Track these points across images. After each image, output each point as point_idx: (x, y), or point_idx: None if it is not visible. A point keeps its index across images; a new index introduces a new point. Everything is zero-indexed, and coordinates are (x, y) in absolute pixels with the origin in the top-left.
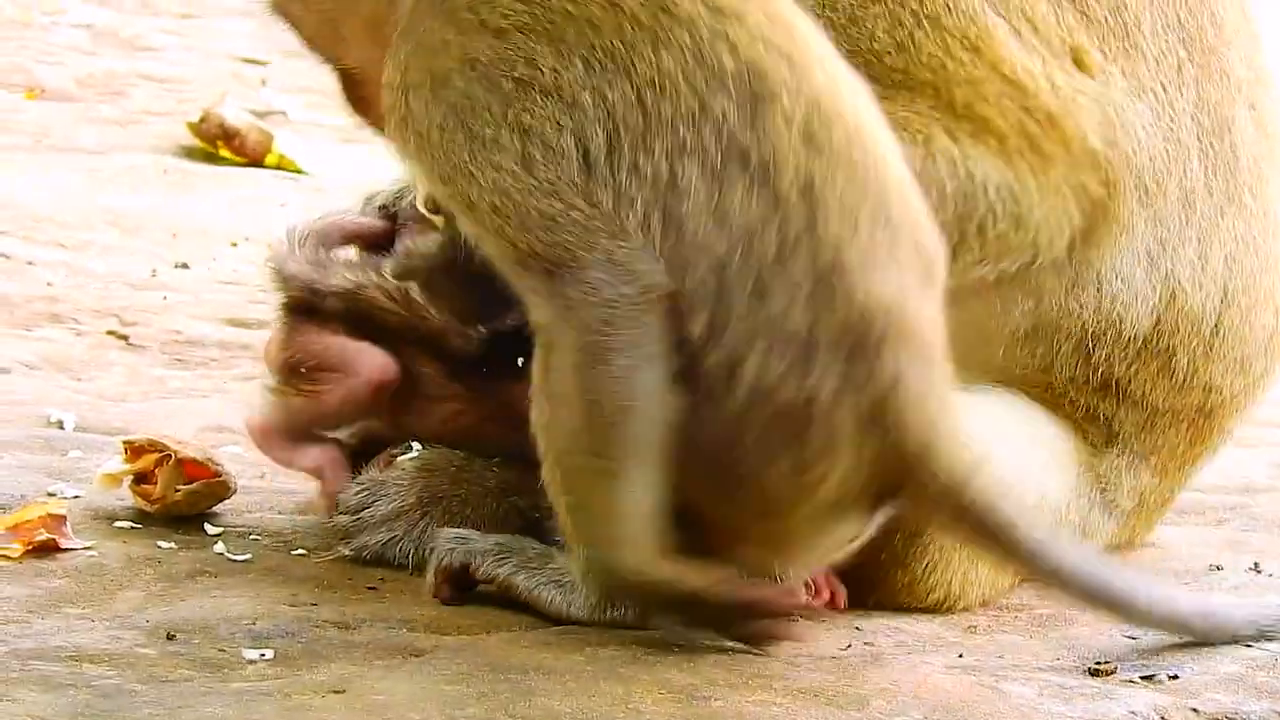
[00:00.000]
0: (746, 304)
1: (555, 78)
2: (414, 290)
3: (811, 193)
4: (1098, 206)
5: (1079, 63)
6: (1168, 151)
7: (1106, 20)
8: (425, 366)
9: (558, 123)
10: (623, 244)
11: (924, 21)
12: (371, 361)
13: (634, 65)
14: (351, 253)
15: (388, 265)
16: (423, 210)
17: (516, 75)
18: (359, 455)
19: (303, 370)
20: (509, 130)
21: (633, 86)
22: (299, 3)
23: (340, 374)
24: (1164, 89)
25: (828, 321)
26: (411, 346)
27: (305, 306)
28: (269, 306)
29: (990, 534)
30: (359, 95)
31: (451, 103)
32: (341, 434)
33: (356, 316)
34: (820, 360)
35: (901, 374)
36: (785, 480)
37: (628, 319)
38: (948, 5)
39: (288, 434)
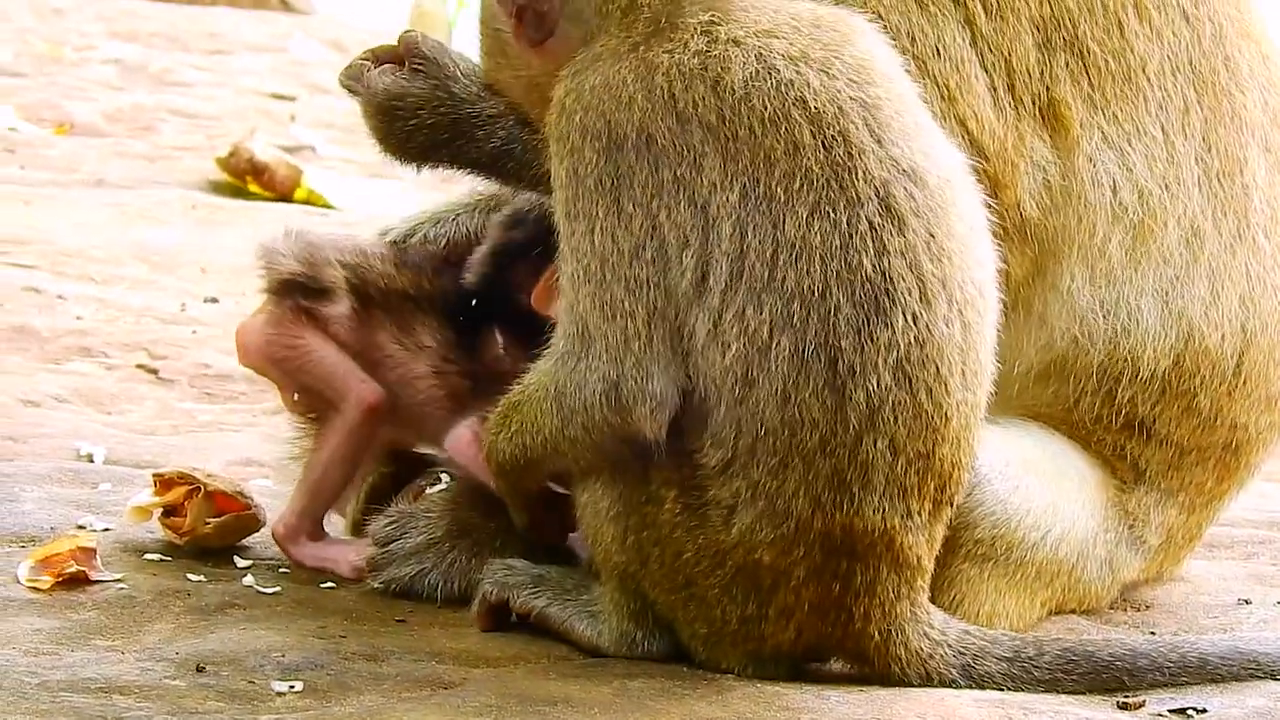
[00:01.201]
0: (767, 473)
1: (709, 193)
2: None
3: (872, 420)
4: (1030, 266)
5: (1054, 117)
6: (1165, 190)
7: (1107, 65)
8: (428, 340)
9: (687, 238)
10: (648, 370)
11: (913, 61)
12: (359, 388)
13: (785, 220)
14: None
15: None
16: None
17: (679, 173)
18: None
19: (285, 364)
20: (644, 218)
21: (774, 240)
22: (507, 70)
23: (327, 397)
24: (1165, 131)
25: (824, 523)
26: (416, 316)
27: (299, 288)
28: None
29: None
30: None
31: (616, 167)
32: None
33: (362, 286)
34: (807, 547)
35: (877, 582)
36: (726, 605)
37: (590, 428)
38: (937, 49)
39: (311, 534)
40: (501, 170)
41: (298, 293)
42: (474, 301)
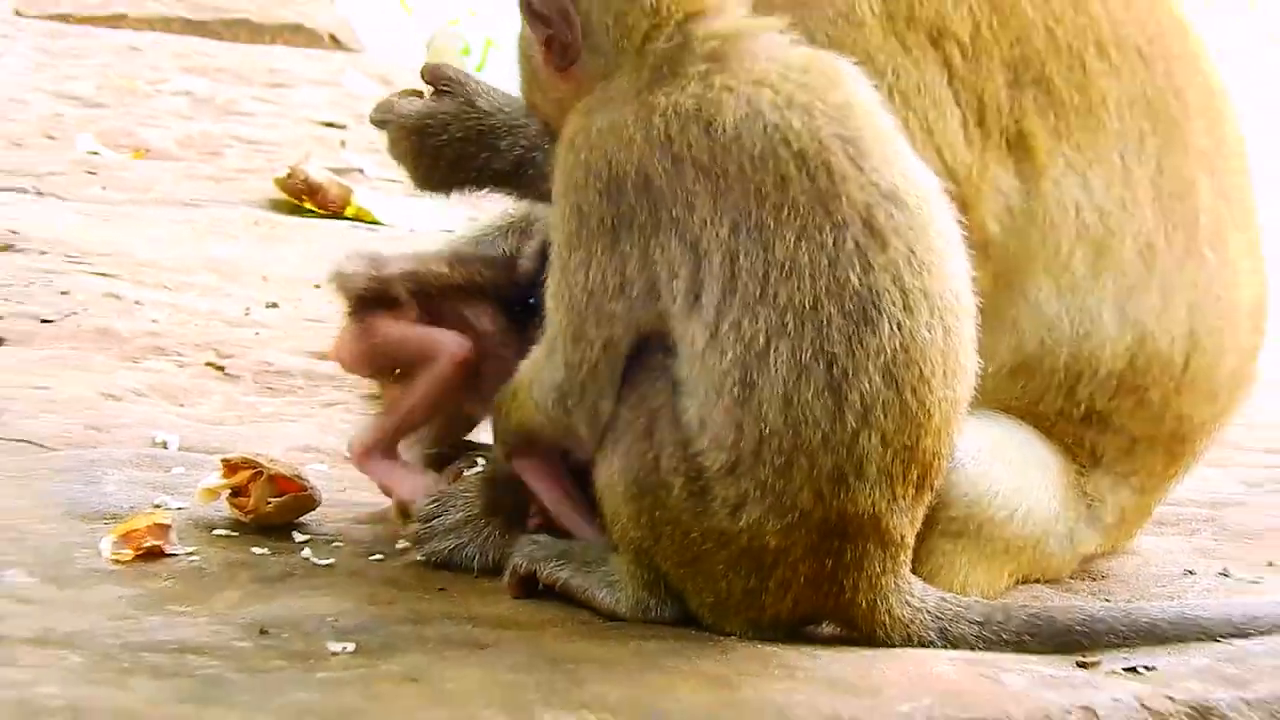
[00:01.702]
0: (771, 471)
1: (700, 230)
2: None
3: (866, 418)
4: (995, 277)
5: (1022, 147)
6: (1122, 210)
7: (1071, 99)
8: (488, 324)
9: (676, 271)
10: (588, 389)
11: (898, 95)
12: (450, 342)
13: (775, 244)
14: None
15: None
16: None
17: (674, 213)
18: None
19: (382, 359)
20: (639, 257)
21: (764, 261)
22: (539, 93)
23: (422, 361)
24: (1122, 157)
25: (823, 513)
26: (475, 305)
27: (373, 298)
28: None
29: None
30: None
31: (617, 208)
32: (422, 436)
33: (423, 289)
34: (806, 531)
35: (865, 558)
36: (730, 579)
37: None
38: (919, 86)
39: (385, 453)
40: (524, 178)
41: (371, 303)
42: (529, 296)
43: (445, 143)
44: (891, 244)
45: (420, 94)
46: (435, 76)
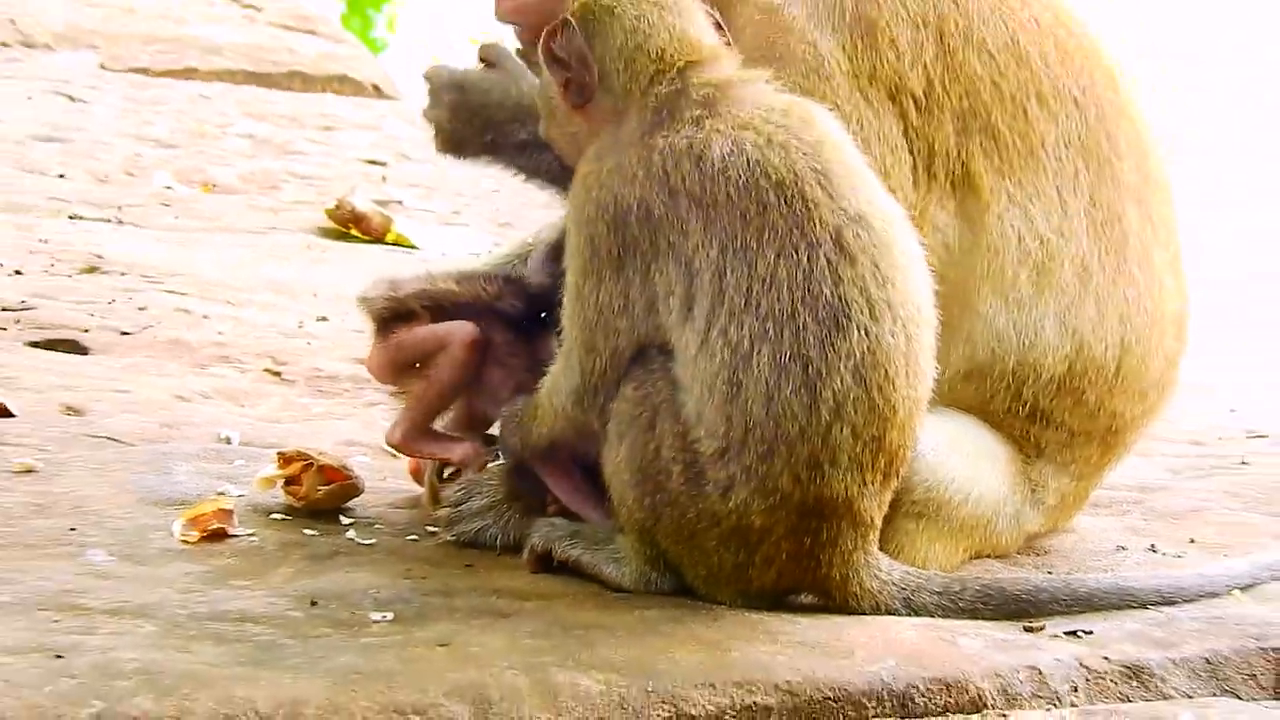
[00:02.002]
0: (755, 457)
1: (693, 252)
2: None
3: (838, 412)
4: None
5: (969, 186)
6: (1060, 237)
7: (1014, 143)
8: (495, 334)
9: (673, 288)
10: (597, 391)
11: (859, 141)
12: (459, 329)
13: (757, 261)
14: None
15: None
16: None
17: (671, 239)
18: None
19: (403, 362)
20: (640, 280)
21: (748, 276)
22: (557, 128)
23: (438, 351)
24: (1059, 191)
25: (801, 496)
26: (483, 318)
27: (391, 314)
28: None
29: None
30: None
31: (622, 238)
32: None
33: (434, 304)
34: (787, 512)
35: (839, 536)
36: (721, 554)
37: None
38: (879, 135)
39: (424, 432)
40: (540, 159)
41: (391, 320)
42: (533, 309)
43: (483, 105)
44: (859, 260)
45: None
46: (488, 54)
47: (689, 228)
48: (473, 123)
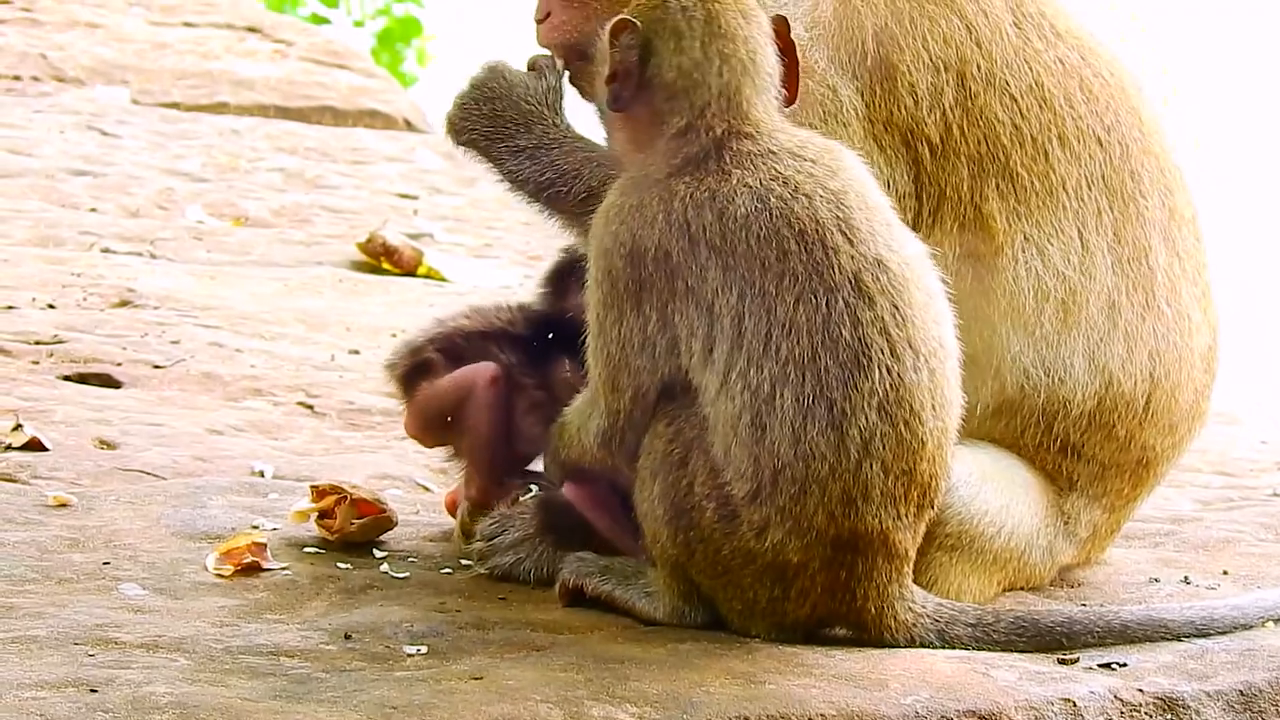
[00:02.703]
0: (788, 498)
1: (713, 297)
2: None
3: (866, 449)
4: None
5: (980, 227)
6: (1082, 275)
7: (1033, 184)
8: (510, 358)
9: (694, 331)
10: (624, 431)
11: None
12: (478, 371)
13: (776, 308)
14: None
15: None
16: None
17: (690, 283)
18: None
19: (434, 417)
20: (659, 318)
21: (767, 322)
22: (602, 115)
23: (465, 399)
24: (1079, 230)
25: (836, 531)
26: (497, 344)
27: (413, 369)
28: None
29: None
30: None
31: (639, 275)
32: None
33: (448, 343)
34: (821, 547)
35: (874, 569)
36: (756, 589)
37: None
38: (889, 183)
39: (497, 486)
40: (529, 170)
41: (413, 376)
42: (546, 332)
43: (496, 97)
44: (877, 302)
45: None
46: (536, 61)
47: (708, 273)
48: (481, 109)
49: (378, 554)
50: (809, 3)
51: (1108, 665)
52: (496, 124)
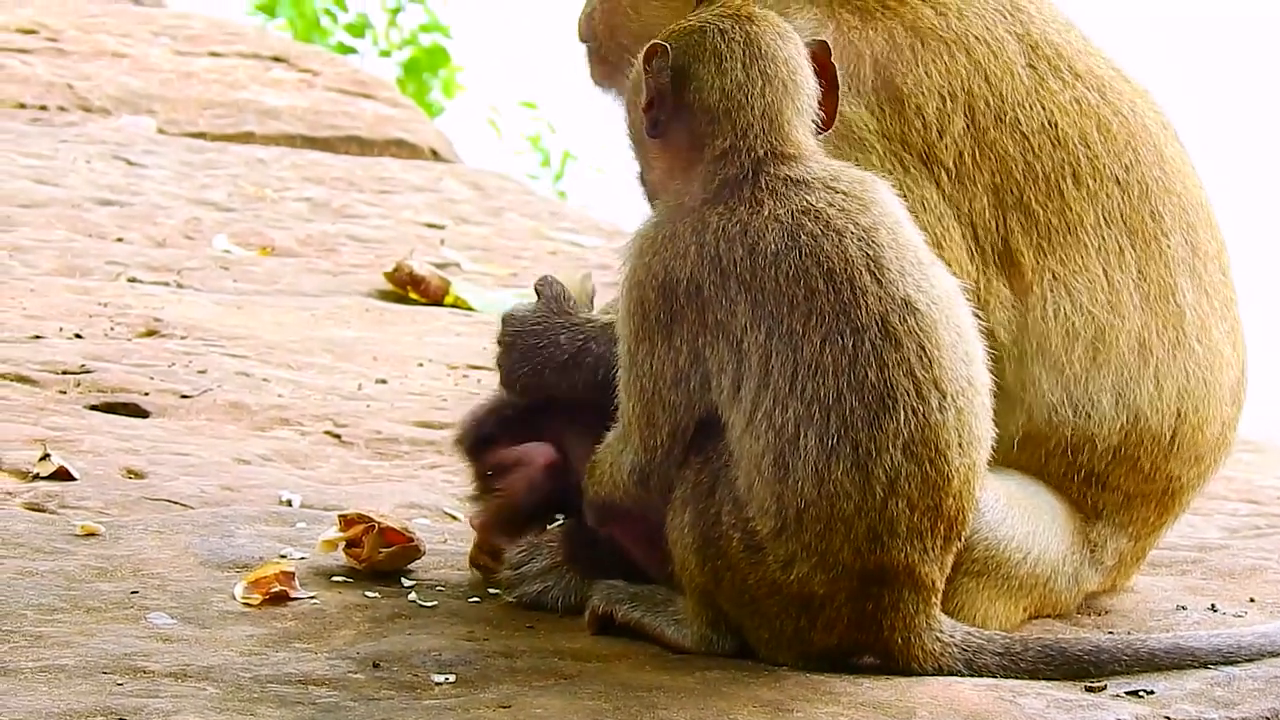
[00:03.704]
0: (813, 535)
1: (742, 334)
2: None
3: (892, 488)
4: (1008, 373)
5: (1011, 263)
6: (1110, 313)
7: (1050, 221)
8: (555, 420)
9: (724, 367)
10: (663, 467)
11: (909, 213)
12: (538, 451)
13: (803, 348)
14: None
15: None
16: None
17: (719, 317)
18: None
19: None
20: (688, 351)
21: (794, 361)
22: (636, 141)
23: (520, 467)
24: (1104, 269)
25: (863, 565)
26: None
27: (475, 441)
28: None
29: None
30: None
31: (670, 308)
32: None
33: (503, 414)
34: (848, 580)
35: (901, 601)
36: (783, 619)
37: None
38: (922, 203)
39: (503, 527)
40: (578, 377)
41: (477, 453)
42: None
43: (521, 332)
44: (904, 344)
45: None
46: (537, 287)
47: (737, 309)
48: (514, 355)
49: (405, 583)
50: (807, 31)
51: (1135, 693)
52: (532, 357)
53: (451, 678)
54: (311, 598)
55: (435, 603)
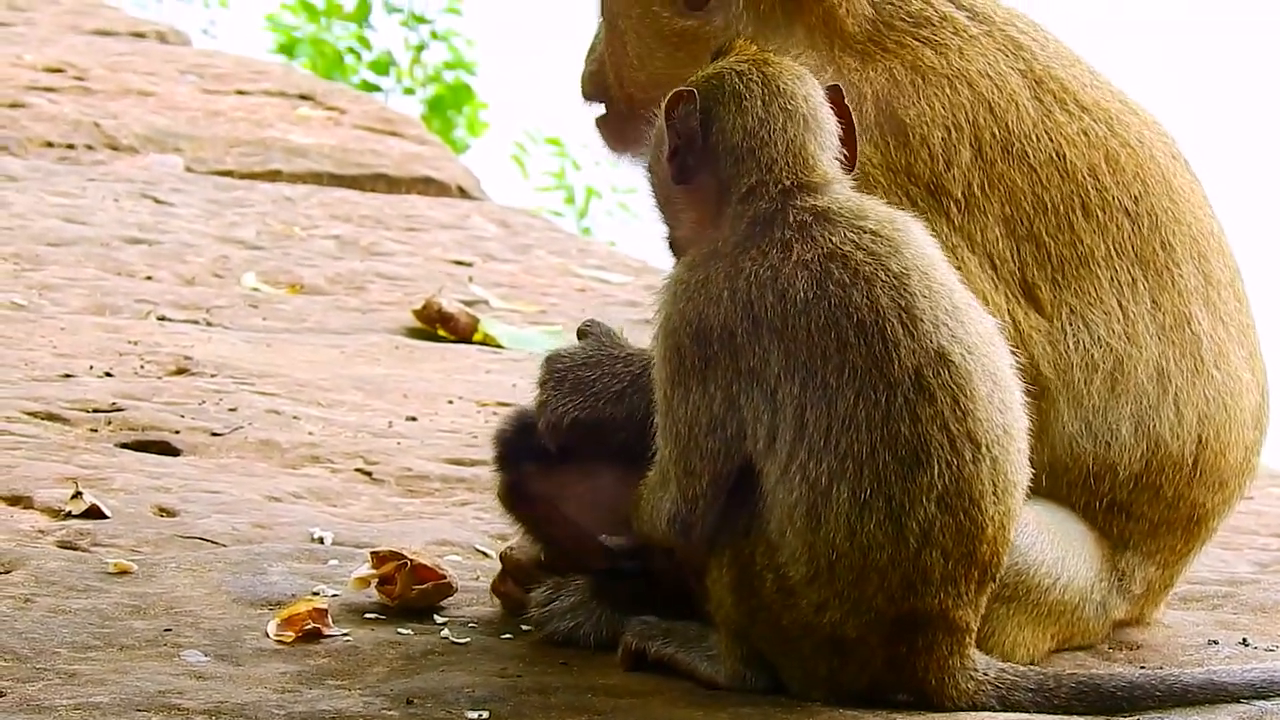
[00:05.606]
0: (846, 583)
1: (776, 384)
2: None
3: (925, 539)
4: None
5: (1032, 297)
6: (1127, 343)
7: (1061, 254)
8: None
9: (760, 416)
10: (703, 514)
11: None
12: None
13: (836, 402)
14: None
15: None
16: None
17: (752, 364)
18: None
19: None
20: (724, 398)
21: (828, 415)
22: (660, 192)
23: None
24: (1118, 300)
25: (896, 611)
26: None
27: (513, 487)
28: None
29: None
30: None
31: (704, 353)
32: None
33: (534, 448)
34: (881, 625)
35: (934, 644)
36: (816, 660)
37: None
38: (934, 234)
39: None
40: (637, 404)
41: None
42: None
43: (571, 369)
44: (938, 398)
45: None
46: (581, 330)
47: (770, 357)
48: (574, 389)
49: (438, 619)
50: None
51: None
52: (585, 389)
53: (485, 714)
54: (344, 635)
55: (468, 639)
